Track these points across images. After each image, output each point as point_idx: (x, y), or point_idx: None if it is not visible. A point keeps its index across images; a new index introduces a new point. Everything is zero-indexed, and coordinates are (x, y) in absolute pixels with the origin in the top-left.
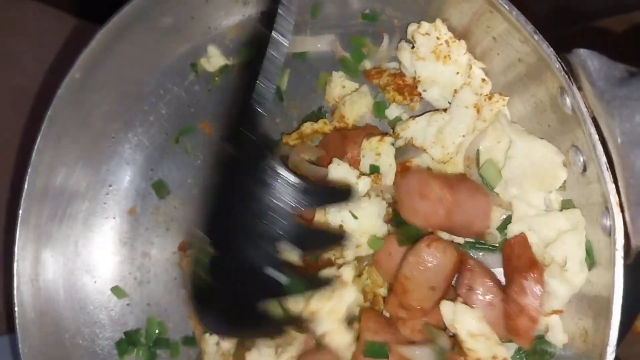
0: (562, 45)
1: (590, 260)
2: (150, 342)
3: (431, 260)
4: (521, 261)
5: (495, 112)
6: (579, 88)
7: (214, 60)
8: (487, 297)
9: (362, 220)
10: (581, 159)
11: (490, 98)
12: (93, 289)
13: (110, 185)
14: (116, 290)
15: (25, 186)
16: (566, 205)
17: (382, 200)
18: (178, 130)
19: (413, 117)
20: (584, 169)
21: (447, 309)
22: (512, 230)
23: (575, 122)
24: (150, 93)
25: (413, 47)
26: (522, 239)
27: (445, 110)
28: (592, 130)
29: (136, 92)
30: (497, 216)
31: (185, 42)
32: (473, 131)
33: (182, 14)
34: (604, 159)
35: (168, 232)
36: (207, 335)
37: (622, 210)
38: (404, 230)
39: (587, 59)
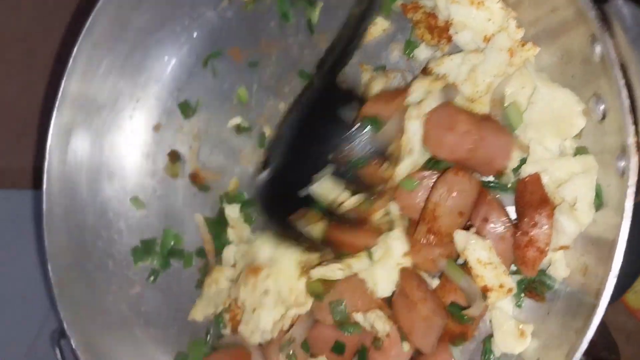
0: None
1: (599, 201)
2: (165, 252)
3: (459, 186)
4: (533, 197)
5: (524, 60)
6: (611, 36)
7: None
8: (500, 229)
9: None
10: (601, 108)
11: (523, 45)
12: (114, 196)
13: (137, 100)
14: (135, 201)
15: (61, 89)
16: (580, 151)
17: None
18: (207, 53)
19: (448, 54)
20: (603, 117)
21: (460, 237)
22: (526, 170)
23: (601, 70)
24: (184, 15)
25: None
26: (536, 177)
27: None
28: (619, 75)
29: (171, 12)
30: (514, 157)
31: None
32: (503, 74)
33: None
34: (627, 102)
35: (190, 150)
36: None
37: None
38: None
39: (623, 7)
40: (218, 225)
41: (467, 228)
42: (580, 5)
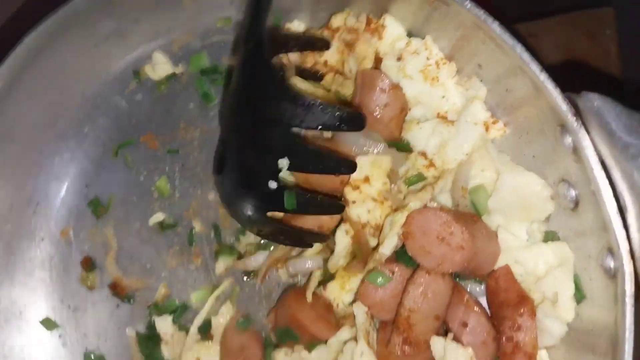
0: None
1: (580, 294)
2: None
3: (433, 287)
4: (509, 294)
5: (489, 139)
6: (587, 131)
7: (160, 67)
8: (481, 335)
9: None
10: (573, 194)
11: (494, 123)
12: (18, 325)
13: (37, 204)
14: (46, 322)
15: None
16: (549, 237)
17: None
18: (117, 143)
19: (417, 121)
20: (576, 205)
21: (438, 345)
22: (498, 261)
23: (571, 159)
24: (87, 102)
25: (399, 60)
26: (506, 271)
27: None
28: (602, 175)
29: (70, 101)
30: None
31: (128, 48)
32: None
33: (127, 17)
34: (614, 205)
35: (107, 255)
36: None
37: (633, 258)
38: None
39: (602, 106)
40: (150, 341)
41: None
42: (547, 96)
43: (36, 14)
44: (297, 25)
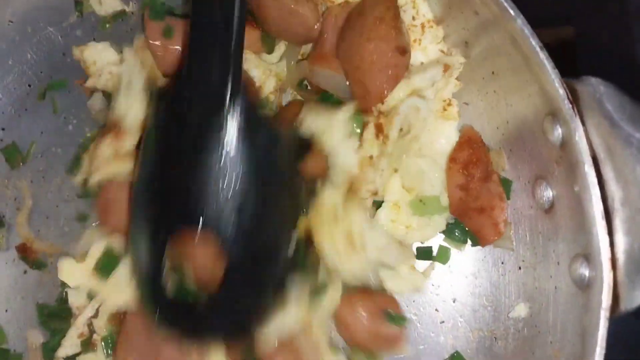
0: None
1: None
2: None
3: None
4: None
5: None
6: (582, 122)
7: (108, 2)
8: None
9: None
10: (550, 194)
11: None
12: None
13: None
14: None
15: None
16: None
17: None
18: (46, 83)
19: None
20: (551, 206)
21: None
22: None
23: (556, 154)
24: (14, 29)
25: None
26: None
27: None
28: (592, 172)
29: None
30: None
31: None
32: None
33: None
34: (600, 207)
35: (19, 212)
36: None
37: (614, 268)
38: None
39: (605, 93)
40: (57, 317)
41: None
42: (543, 78)
43: None
44: None
